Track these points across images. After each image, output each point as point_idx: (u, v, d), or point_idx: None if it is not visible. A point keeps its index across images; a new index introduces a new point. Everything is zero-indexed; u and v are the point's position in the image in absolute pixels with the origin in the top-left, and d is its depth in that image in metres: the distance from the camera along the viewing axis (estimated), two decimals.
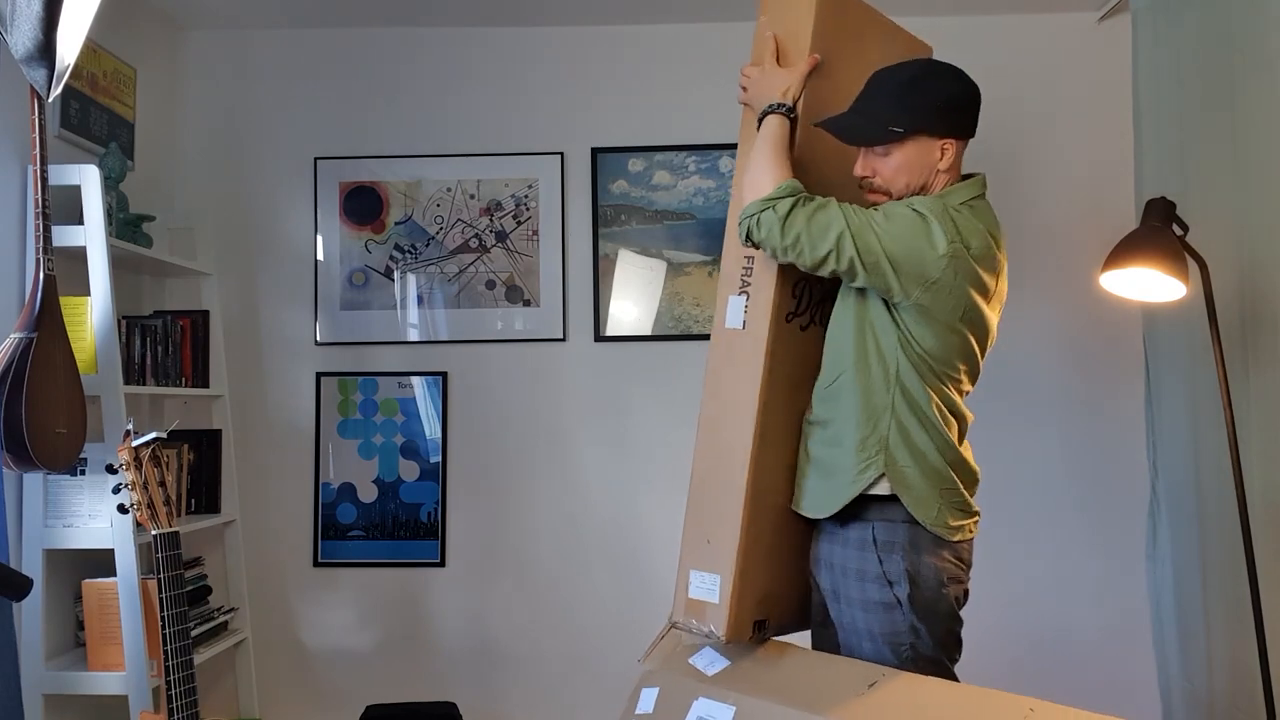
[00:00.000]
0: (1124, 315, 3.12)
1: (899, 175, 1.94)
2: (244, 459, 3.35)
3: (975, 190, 1.97)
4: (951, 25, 3.37)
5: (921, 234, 1.83)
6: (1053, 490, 3.30)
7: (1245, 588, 2.36)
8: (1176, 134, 2.85)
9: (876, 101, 1.94)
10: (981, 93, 2.00)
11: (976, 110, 1.98)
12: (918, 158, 1.93)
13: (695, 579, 2.02)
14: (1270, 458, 2.51)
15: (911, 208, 1.87)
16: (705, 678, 1.95)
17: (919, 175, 1.94)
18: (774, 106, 1.98)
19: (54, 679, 2.57)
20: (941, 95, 1.93)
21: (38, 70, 2.20)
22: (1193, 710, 2.84)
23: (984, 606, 3.22)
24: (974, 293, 1.89)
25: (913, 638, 1.91)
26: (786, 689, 1.84)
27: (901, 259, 1.83)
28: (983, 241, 1.89)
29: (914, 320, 1.89)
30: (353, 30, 3.45)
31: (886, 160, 1.94)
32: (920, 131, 1.91)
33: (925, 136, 1.91)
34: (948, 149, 1.93)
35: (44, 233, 2.32)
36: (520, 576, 3.36)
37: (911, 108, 1.91)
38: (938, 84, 1.94)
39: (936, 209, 1.86)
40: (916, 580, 1.90)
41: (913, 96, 1.91)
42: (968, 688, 1.78)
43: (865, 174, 1.97)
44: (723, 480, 2.02)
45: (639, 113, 3.41)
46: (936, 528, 1.90)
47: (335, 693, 3.32)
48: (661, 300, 3.38)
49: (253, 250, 3.44)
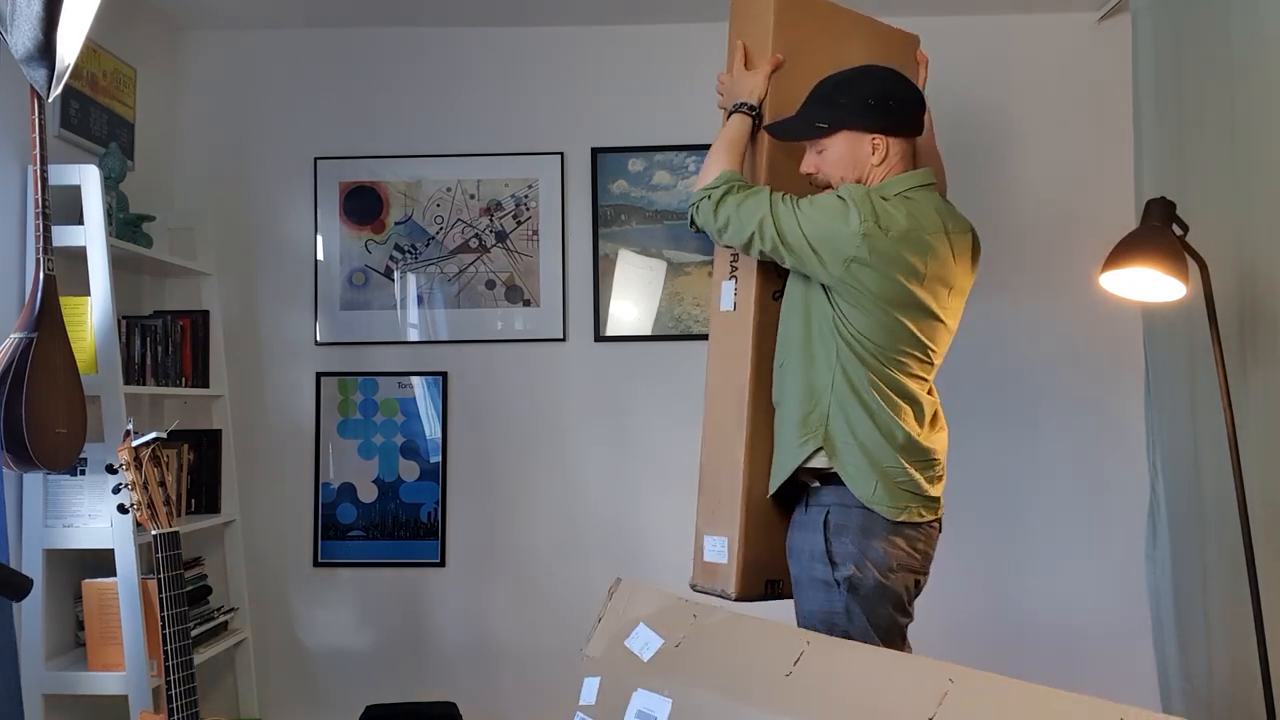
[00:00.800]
0: (1124, 315, 3.11)
1: (836, 169, 2.07)
2: (244, 459, 3.35)
3: (914, 181, 2.05)
4: (952, 25, 3.38)
5: (839, 215, 1.94)
6: (1052, 490, 3.30)
7: (1245, 588, 2.35)
8: (1176, 134, 2.85)
9: (810, 103, 2.09)
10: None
11: (912, 109, 2.08)
12: (849, 152, 2.05)
13: (708, 543, 2.18)
14: (1270, 458, 2.51)
15: (836, 194, 2.00)
16: (641, 665, 1.97)
17: (854, 169, 2.06)
18: (737, 106, 2.17)
19: (54, 679, 2.57)
20: (869, 92, 2.03)
21: (38, 70, 2.20)
22: (1192, 710, 2.83)
23: (983, 605, 3.24)
24: (900, 275, 1.96)
25: (846, 621, 2.00)
26: (719, 672, 1.86)
27: (819, 239, 1.95)
28: (908, 225, 1.96)
29: (846, 304, 1.99)
30: (353, 30, 3.45)
31: (824, 157, 2.08)
32: (845, 126, 2.03)
33: (852, 131, 2.04)
34: (878, 144, 2.04)
35: (44, 233, 2.32)
36: (520, 576, 3.36)
37: (838, 105, 2.04)
38: (867, 83, 2.05)
39: (858, 194, 1.97)
40: (861, 565, 1.98)
41: (840, 95, 2.04)
42: (889, 653, 1.79)
43: (809, 170, 2.12)
44: (725, 451, 2.17)
45: (639, 113, 3.41)
46: (876, 505, 1.98)
47: (335, 692, 3.32)
48: (661, 300, 3.38)
49: (253, 250, 3.44)
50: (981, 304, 3.32)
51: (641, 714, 1.88)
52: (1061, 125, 3.35)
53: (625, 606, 2.10)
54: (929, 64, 2.49)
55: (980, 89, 3.37)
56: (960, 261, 2.07)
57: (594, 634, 2.14)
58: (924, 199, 2.03)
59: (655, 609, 2.06)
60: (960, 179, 3.36)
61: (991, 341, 3.30)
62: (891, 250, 1.94)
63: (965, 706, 1.57)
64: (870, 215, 1.93)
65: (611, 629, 2.10)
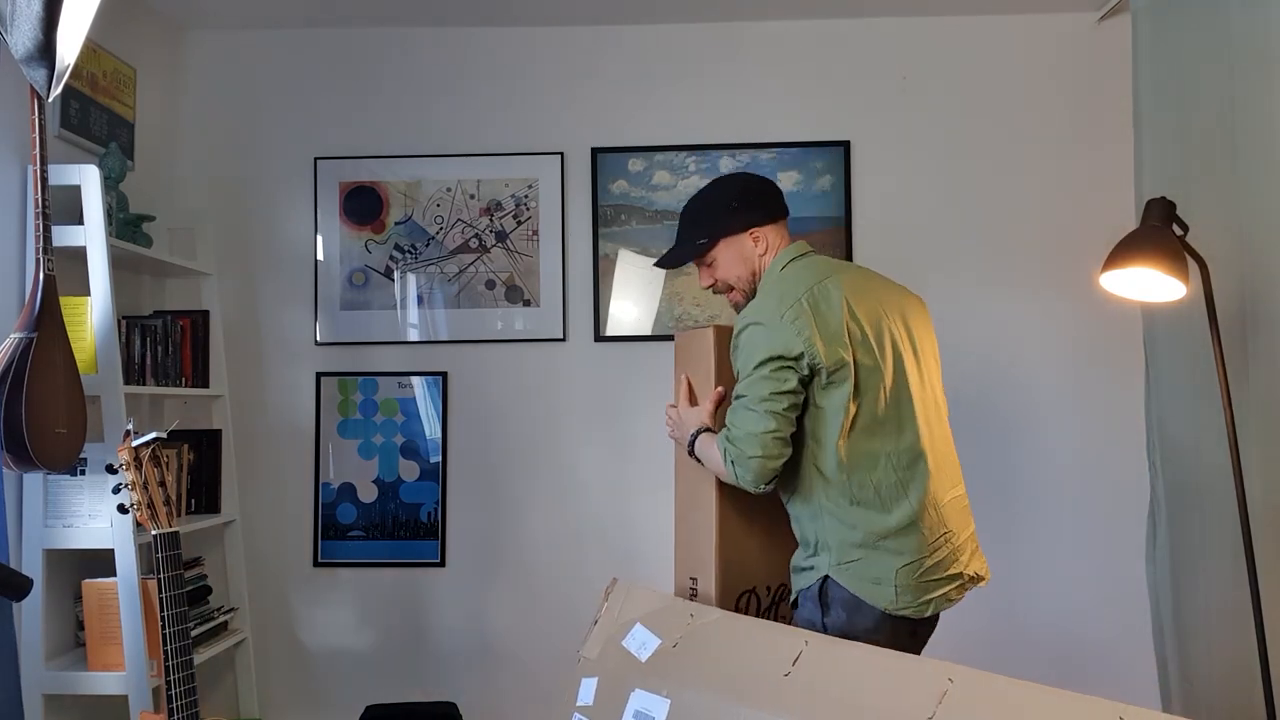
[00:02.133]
0: (1124, 315, 3.12)
1: (729, 272, 2.15)
2: (244, 459, 3.35)
3: (792, 254, 2.11)
4: (951, 25, 3.39)
5: (761, 339, 1.95)
6: (1053, 490, 3.30)
7: (1245, 588, 2.36)
8: (1176, 133, 2.85)
9: (683, 230, 2.20)
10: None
11: (772, 195, 2.17)
12: (736, 254, 2.13)
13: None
14: (1270, 458, 2.51)
15: (745, 328, 2.00)
16: (639, 665, 1.96)
17: (746, 266, 2.14)
18: (696, 432, 2.13)
19: (54, 679, 2.57)
20: (730, 196, 2.14)
21: (38, 70, 2.20)
22: (1192, 710, 2.83)
23: (982, 607, 3.23)
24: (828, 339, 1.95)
25: None
26: (717, 672, 1.86)
27: (769, 377, 1.94)
28: (804, 291, 1.99)
29: (814, 427, 1.98)
30: (353, 30, 3.45)
31: (715, 267, 2.16)
32: (723, 235, 2.13)
33: (730, 236, 2.12)
34: (758, 236, 2.12)
35: (44, 233, 2.32)
36: (520, 576, 3.36)
37: (707, 220, 2.14)
38: (721, 193, 2.16)
39: (762, 310, 1.99)
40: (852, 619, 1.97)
41: (705, 212, 2.15)
42: (888, 653, 1.78)
43: (707, 283, 2.20)
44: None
45: (639, 113, 3.41)
46: (904, 610, 1.95)
47: (335, 693, 3.32)
48: (661, 300, 3.38)
49: (253, 250, 3.44)
50: (981, 304, 3.34)
51: (639, 714, 1.88)
52: (1061, 125, 3.35)
53: (621, 607, 2.10)
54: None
55: (980, 88, 3.37)
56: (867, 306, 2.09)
57: (590, 635, 2.14)
58: (807, 265, 2.09)
59: (652, 609, 2.05)
60: (960, 179, 3.37)
61: (991, 341, 3.30)
62: (814, 310, 1.97)
63: (964, 706, 1.57)
64: (781, 305, 1.96)
65: (608, 630, 2.10)
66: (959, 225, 3.36)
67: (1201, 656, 2.81)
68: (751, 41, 3.40)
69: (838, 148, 3.36)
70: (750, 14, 3.38)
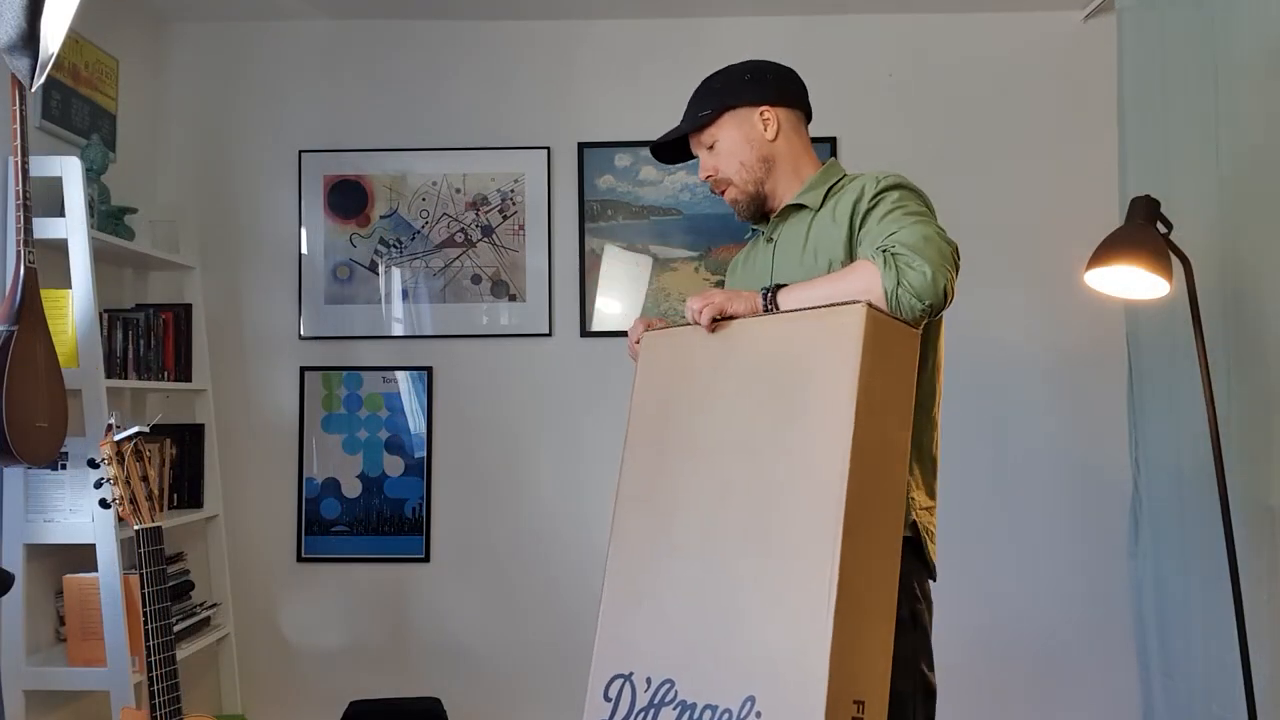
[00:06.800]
0: (1107, 313, 3.13)
1: (730, 159, 1.88)
2: (227, 454, 3.33)
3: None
4: (938, 22, 3.39)
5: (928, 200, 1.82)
6: (1035, 487, 3.32)
7: (1227, 584, 2.38)
8: (1161, 132, 2.86)
9: (689, 106, 1.94)
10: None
11: (797, 86, 1.92)
12: (740, 135, 1.87)
13: None
14: (1252, 455, 2.53)
15: (898, 181, 1.78)
16: None
17: (750, 151, 1.87)
18: (768, 289, 1.70)
19: (35, 675, 2.55)
20: (745, 71, 1.90)
21: (21, 60, 2.17)
22: (1173, 706, 2.85)
23: (966, 603, 3.25)
24: None
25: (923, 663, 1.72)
26: None
27: None
28: None
29: None
30: (338, 23, 3.43)
31: (715, 151, 1.90)
32: (728, 106, 1.87)
33: (738, 109, 1.87)
34: (768, 116, 1.87)
35: (25, 225, 2.30)
36: (505, 572, 3.35)
37: (716, 92, 1.89)
38: (741, 66, 1.92)
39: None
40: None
41: (717, 83, 1.91)
42: None
43: (706, 174, 1.93)
44: None
45: (626, 108, 3.41)
46: None
47: (319, 688, 3.31)
48: (648, 296, 3.37)
49: (236, 243, 3.41)
50: (965, 301, 3.34)
51: None
52: (1046, 122, 3.37)
53: None
54: None
55: (965, 86, 3.38)
56: None
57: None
58: None
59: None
60: (945, 175, 3.38)
61: (974, 338, 3.31)
62: None
63: None
64: None
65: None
66: (943, 221, 3.36)
67: (1183, 652, 2.83)
68: (738, 37, 3.40)
69: (824, 144, 3.36)
70: (737, 10, 3.38)
